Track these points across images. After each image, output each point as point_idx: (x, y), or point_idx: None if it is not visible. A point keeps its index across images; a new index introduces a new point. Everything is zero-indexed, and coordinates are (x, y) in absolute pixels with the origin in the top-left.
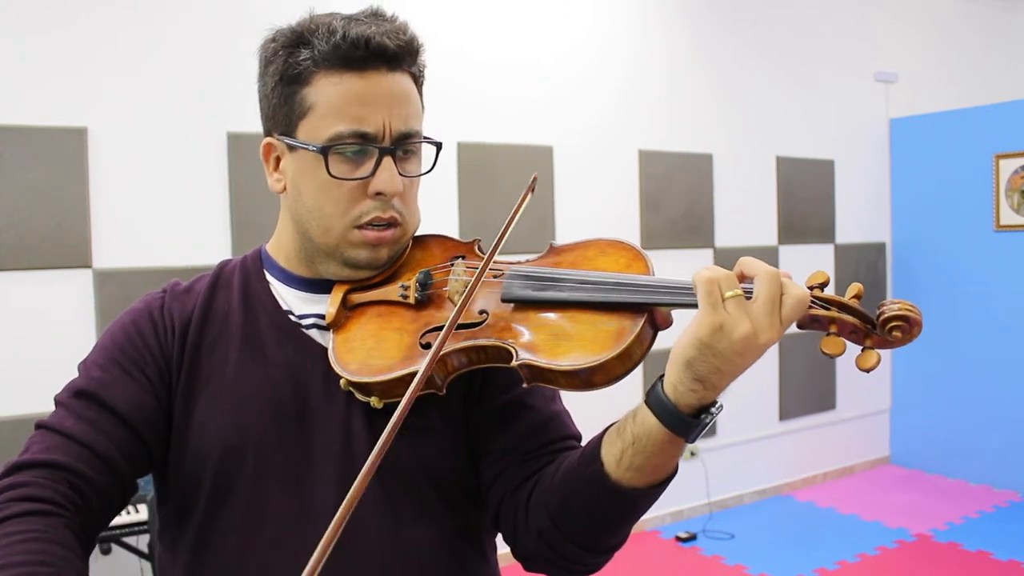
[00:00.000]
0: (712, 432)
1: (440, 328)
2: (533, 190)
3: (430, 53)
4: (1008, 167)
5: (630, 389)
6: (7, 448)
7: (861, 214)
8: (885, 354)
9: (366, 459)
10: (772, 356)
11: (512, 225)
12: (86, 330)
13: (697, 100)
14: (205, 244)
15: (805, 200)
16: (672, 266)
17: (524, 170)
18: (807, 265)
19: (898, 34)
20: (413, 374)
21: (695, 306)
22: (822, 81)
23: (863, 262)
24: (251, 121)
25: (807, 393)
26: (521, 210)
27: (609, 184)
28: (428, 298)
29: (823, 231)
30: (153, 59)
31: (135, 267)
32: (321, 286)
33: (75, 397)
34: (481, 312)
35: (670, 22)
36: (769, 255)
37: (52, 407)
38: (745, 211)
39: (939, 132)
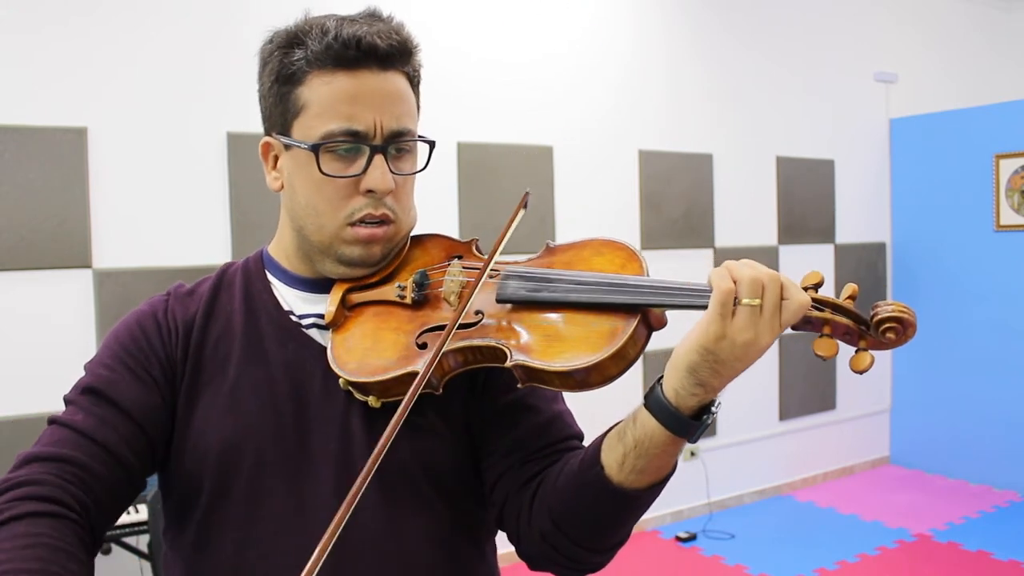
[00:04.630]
0: (712, 432)
1: (436, 328)
2: (526, 206)
3: (430, 53)
4: (1008, 167)
5: (632, 387)
6: (7, 448)
7: (861, 214)
8: (885, 354)
9: (363, 458)
10: (772, 356)
11: (506, 238)
12: (86, 330)
13: (697, 100)
14: (205, 244)
15: (805, 200)
16: (672, 266)
17: (524, 170)
18: (807, 265)
19: (898, 34)
20: (410, 374)
21: (688, 307)
22: (822, 81)
23: (863, 262)
24: (251, 121)
25: (807, 393)
26: (513, 226)
27: (609, 184)
28: (425, 298)
29: (823, 231)
30: (153, 59)
31: (135, 267)
32: (321, 286)
33: (83, 394)
34: (477, 313)
35: (670, 22)
36: (769, 255)
37: (52, 407)
38: (745, 211)
39: (939, 132)
